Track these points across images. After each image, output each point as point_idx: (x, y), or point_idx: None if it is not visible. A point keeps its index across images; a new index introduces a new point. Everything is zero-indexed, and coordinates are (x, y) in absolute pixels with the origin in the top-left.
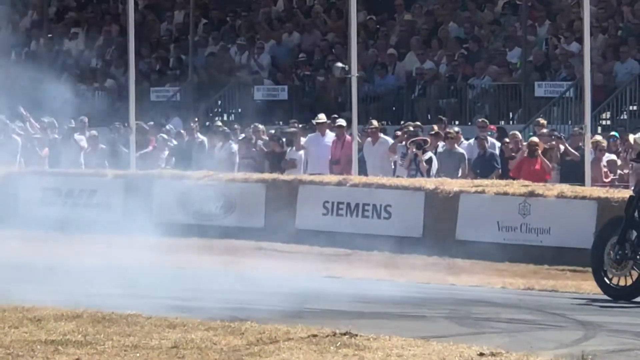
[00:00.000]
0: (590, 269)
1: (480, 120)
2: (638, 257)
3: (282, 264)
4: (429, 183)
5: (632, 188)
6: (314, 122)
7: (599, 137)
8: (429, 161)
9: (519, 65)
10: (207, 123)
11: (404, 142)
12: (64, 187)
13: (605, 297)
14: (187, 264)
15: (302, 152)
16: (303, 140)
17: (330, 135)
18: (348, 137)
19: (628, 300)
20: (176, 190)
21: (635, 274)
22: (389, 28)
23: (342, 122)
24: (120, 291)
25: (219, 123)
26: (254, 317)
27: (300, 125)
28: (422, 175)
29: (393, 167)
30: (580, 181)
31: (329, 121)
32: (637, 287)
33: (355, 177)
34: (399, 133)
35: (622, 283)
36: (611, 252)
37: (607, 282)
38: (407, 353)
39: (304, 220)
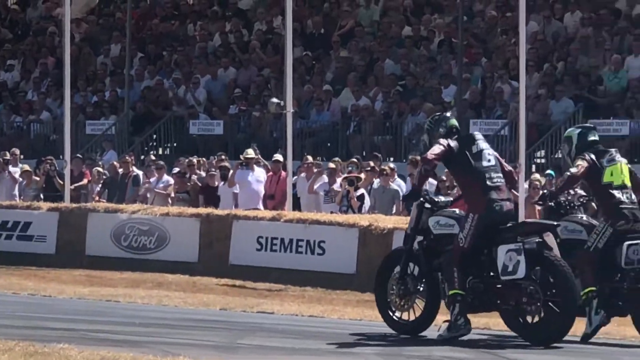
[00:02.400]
0: None
1: (411, 157)
2: (420, 289)
3: (216, 298)
4: (363, 219)
5: (408, 225)
6: (242, 157)
7: (536, 176)
8: (361, 198)
9: (453, 103)
10: (142, 157)
11: (327, 180)
12: None
13: None
14: (120, 297)
15: (234, 187)
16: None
17: (259, 171)
18: (283, 172)
19: (414, 335)
20: (110, 224)
21: (418, 309)
22: (325, 64)
23: (278, 157)
24: (53, 324)
25: (153, 157)
26: (187, 353)
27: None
28: (354, 212)
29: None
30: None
31: (257, 157)
32: (422, 321)
33: (289, 213)
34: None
35: (406, 317)
36: (394, 287)
37: (392, 316)
38: None
39: (238, 255)
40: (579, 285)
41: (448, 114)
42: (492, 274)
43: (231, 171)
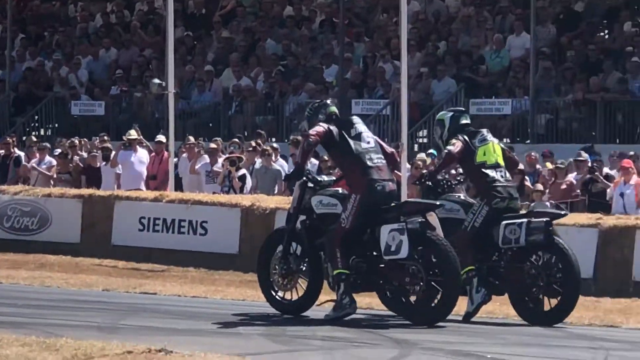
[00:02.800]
0: None
1: (292, 137)
2: (302, 268)
3: (98, 279)
4: (245, 200)
5: (291, 205)
6: (124, 138)
7: (422, 155)
8: (243, 178)
9: (335, 83)
10: (24, 138)
11: (208, 160)
12: None
13: None
14: (3, 279)
15: (117, 167)
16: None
17: (141, 151)
18: (166, 153)
19: (297, 315)
20: None
21: (301, 289)
22: (206, 44)
23: (161, 137)
24: None
25: (34, 138)
26: (69, 334)
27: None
28: (235, 192)
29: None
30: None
31: (139, 137)
32: (304, 300)
33: (171, 193)
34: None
35: (289, 297)
36: (277, 267)
37: (275, 295)
38: None
39: (120, 236)
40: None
41: (328, 101)
42: (375, 253)
43: (113, 152)
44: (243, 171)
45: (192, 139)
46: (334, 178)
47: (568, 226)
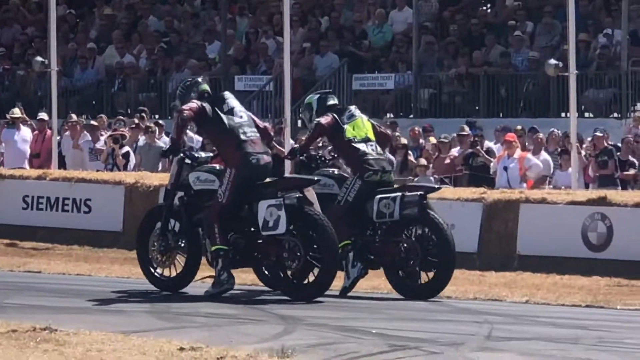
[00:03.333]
0: None
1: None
2: (181, 245)
3: None
4: (129, 177)
5: (169, 181)
6: (8, 116)
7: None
8: (126, 155)
9: (217, 60)
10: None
11: (89, 137)
12: None
13: None
14: None
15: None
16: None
17: (25, 130)
18: (49, 131)
19: (175, 291)
20: None
21: (180, 265)
22: (89, 22)
23: (43, 115)
24: None
25: None
26: None
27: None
28: (119, 170)
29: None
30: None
31: (23, 115)
32: (183, 277)
33: (55, 171)
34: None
35: (167, 273)
36: (155, 243)
37: (154, 272)
38: (108, 348)
39: (4, 214)
40: None
41: (199, 79)
42: (253, 229)
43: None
44: (126, 148)
45: (74, 116)
46: (212, 154)
47: (452, 200)
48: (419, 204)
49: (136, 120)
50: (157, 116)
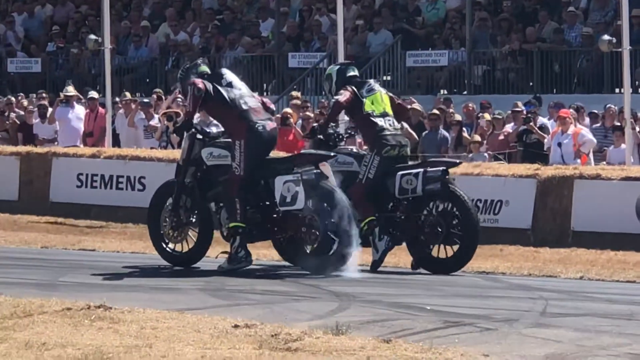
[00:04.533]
0: None
1: None
2: (192, 220)
3: (37, 236)
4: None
5: (180, 157)
6: (62, 94)
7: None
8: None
9: (271, 37)
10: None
11: (144, 115)
12: None
13: (361, 267)
14: None
15: (54, 124)
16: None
17: (79, 108)
18: (101, 109)
19: (187, 267)
20: None
21: (191, 241)
22: (142, 0)
23: (94, 94)
24: None
25: None
26: (8, 291)
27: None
28: (173, 148)
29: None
30: None
31: (77, 93)
32: (195, 252)
33: (109, 149)
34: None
35: (179, 249)
36: (167, 219)
37: (166, 248)
38: (162, 325)
39: (58, 192)
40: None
41: (199, 61)
42: (268, 203)
43: (50, 109)
44: None
45: (128, 94)
46: (223, 130)
47: (506, 177)
48: (441, 179)
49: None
50: None
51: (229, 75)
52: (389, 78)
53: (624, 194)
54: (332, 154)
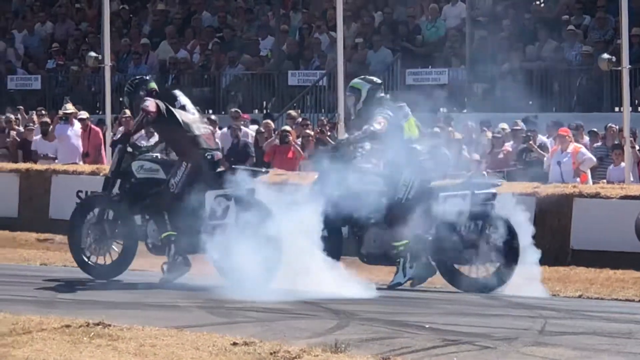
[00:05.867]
0: None
1: (233, 110)
2: (117, 232)
3: (36, 253)
4: None
5: (109, 169)
6: (61, 112)
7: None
8: None
9: (270, 56)
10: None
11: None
12: None
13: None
14: None
15: (55, 142)
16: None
17: (78, 125)
18: (94, 127)
19: (109, 279)
20: None
21: (115, 254)
22: (142, 17)
23: (84, 114)
24: None
25: None
26: (7, 308)
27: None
28: None
29: None
30: None
31: (77, 111)
32: (118, 265)
33: (108, 167)
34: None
35: (102, 262)
36: (90, 232)
37: (88, 261)
38: (161, 343)
39: (58, 210)
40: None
41: (147, 77)
42: (198, 217)
43: (51, 126)
44: None
45: (128, 112)
46: (152, 144)
47: (505, 194)
48: (491, 201)
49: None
50: (210, 111)
51: (182, 98)
52: (388, 96)
53: (623, 213)
54: (264, 169)
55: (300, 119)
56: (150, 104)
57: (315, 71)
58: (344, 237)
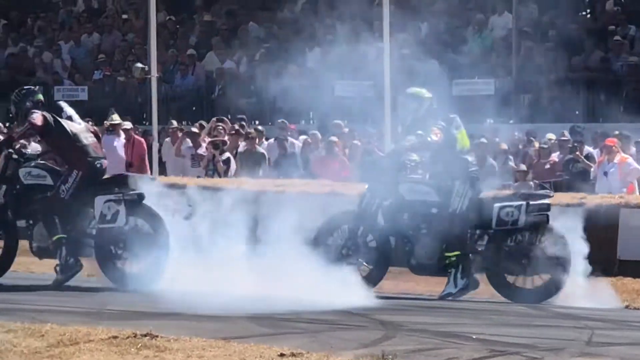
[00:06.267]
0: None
1: (280, 120)
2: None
3: (84, 264)
4: (230, 183)
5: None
6: (106, 123)
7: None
8: (227, 162)
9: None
10: (8, 124)
11: (191, 144)
12: None
13: (407, 297)
14: None
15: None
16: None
17: (124, 136)
18: (137, 137)
19: None
20: None
21: None
22: (189, 28)
23: (127, 124)
24: None
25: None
26: (54, 319)
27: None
28: (220, 176)
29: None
30: None
31: (122, 122)
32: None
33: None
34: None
35: None
36: None
37: None
38: (208, 354)
39: None
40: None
41: (35, 89)
42: (88, 221)
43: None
44: (227, 155)
45: (174, 123)
46: (40, 151)
47: (552, 205)
48: (546, 210)
49: (236, 126)
50: (257, 122)
51: (68, 109)
52: (435, 107)
53: None
54: (152, 176)
55: (346, 130)
56: (37, 117)
57: (361, 82)
58: (391, 247)
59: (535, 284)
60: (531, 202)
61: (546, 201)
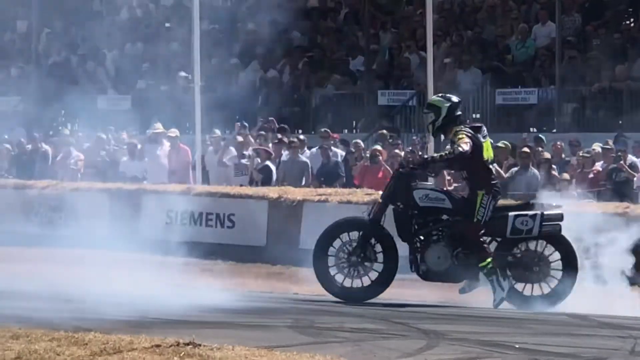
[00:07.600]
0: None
1: (323, 130)
2: None
3: (126, 273)
4: (273, 192)
5: None
6: (149, 131)
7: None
8: (265, 170)
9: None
10: (51, 132)
11: (235, 153)
12: None
13: (450, 305)
14: (33, 274)
15: (144, 161)
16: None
17: (167, 145)
18: (182, 146)
19: None
20: (19, 200)
21: None
22: (232, 37)
23: (174, 131)
24: None
25: (67, 131)
26: (97, 328)
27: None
28: (257, 184)
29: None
30: None
31: (166, 130)
32: None
33: (198, 186)
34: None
35: None
36: None
37: None
38: None
39: (148, 229)
40: None
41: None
42: None
43: (139, 145)
44: (266, 163)
45: (218, 132)
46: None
47: (596, 214)
48: (560, 220)
49: (279, 135)
50: (300, 131)
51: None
52: (478, 116)
53: None
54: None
55: (390, 139)
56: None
57: (405, 91)
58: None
59: (542, 291)
60: (546, 212)
61: (559, 211)
